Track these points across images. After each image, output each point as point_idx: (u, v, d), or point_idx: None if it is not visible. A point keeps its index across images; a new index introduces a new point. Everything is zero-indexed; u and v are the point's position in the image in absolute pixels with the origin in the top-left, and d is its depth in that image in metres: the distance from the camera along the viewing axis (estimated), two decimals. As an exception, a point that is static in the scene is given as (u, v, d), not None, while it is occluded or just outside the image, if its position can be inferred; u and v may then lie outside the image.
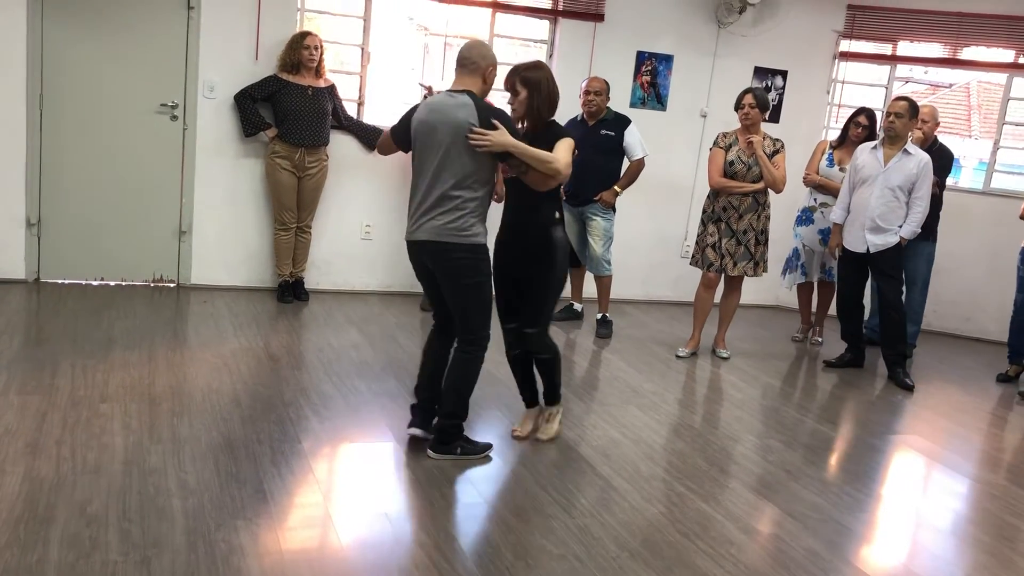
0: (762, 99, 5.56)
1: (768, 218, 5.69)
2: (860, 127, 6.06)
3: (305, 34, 5.86)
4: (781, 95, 7.31)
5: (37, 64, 5.61)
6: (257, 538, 2.98)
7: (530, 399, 4.19)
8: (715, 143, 5.69)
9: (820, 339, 6.57)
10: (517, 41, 7.16)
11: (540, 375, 4.09)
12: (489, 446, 3.92)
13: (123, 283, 6.03)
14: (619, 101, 6.54)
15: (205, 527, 2.98)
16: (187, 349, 4.85)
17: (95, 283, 5.97)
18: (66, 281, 5.92)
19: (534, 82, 3.74)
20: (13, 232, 5.77)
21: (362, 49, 6.39)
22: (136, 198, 5.98)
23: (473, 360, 3.78)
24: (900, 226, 5.52)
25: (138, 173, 5.94)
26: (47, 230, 5.85)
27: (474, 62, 3.66)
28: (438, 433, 3.81)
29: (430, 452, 3.79)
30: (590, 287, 6.35)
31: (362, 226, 6.51)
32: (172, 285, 6.13)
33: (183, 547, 2.85)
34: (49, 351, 4.59)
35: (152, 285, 6.07)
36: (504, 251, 3.90)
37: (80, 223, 5.88)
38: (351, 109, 6.35)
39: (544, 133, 3.76)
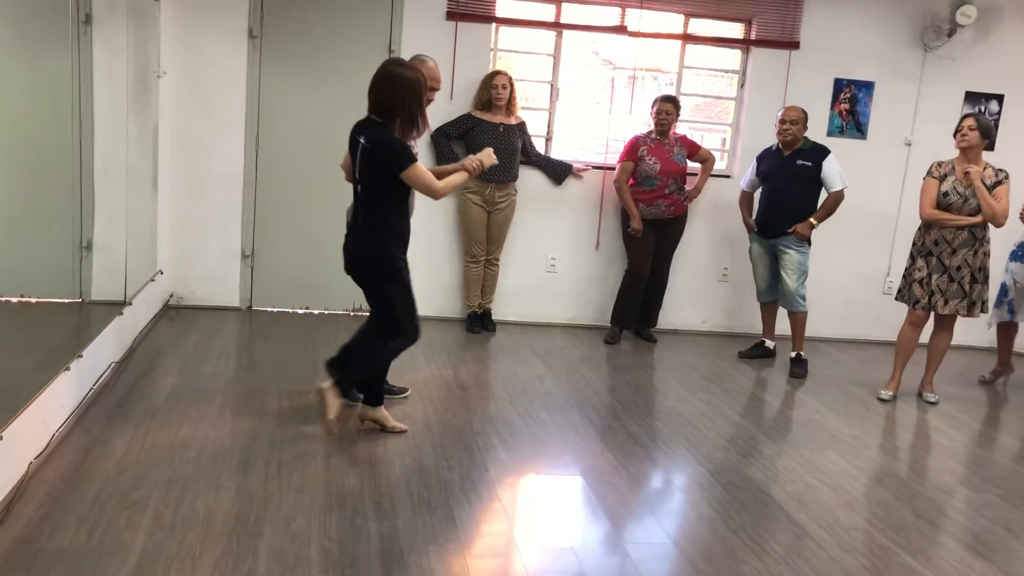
0: (984, 124, 5.17)
1: (987, 255, 5.26)
2: None
3: (495, 73, 6.04)
4: (997, 121, 6.79)
5: (255, 110, 6.09)
6: (447, 563, 3.04)
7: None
8: (928, 172, 5.35)
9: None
10: (705, 72, 7.06)
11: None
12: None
13: (325, 312, 6.39)
14: (816, 130, 6.30)
15: (398, 550, 3.07)
16: (382, 376, 5.05)
17: (300, 311, 6.36)
18: (274, 309, 6.34)
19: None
20: (231, 264, 6.26)
21: (551, 85, 6.51)
22: (337, 234, 6.30)
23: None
24: None
25: (341, 211, 6.27)
26: (259, 262, 6.30)
27: None
28: None
29: None
30: (783, 324, 6.11)
31: (547, 259, 6.58)
32: (368, 314, 6.41)
33: (378, 568, 2.94)
34: (259, 375, 4.92)
35: (351, 314, 6.39)
36: None
37: (288, 256, 6.29)
38: (539, 144, 6.47)
39: None
